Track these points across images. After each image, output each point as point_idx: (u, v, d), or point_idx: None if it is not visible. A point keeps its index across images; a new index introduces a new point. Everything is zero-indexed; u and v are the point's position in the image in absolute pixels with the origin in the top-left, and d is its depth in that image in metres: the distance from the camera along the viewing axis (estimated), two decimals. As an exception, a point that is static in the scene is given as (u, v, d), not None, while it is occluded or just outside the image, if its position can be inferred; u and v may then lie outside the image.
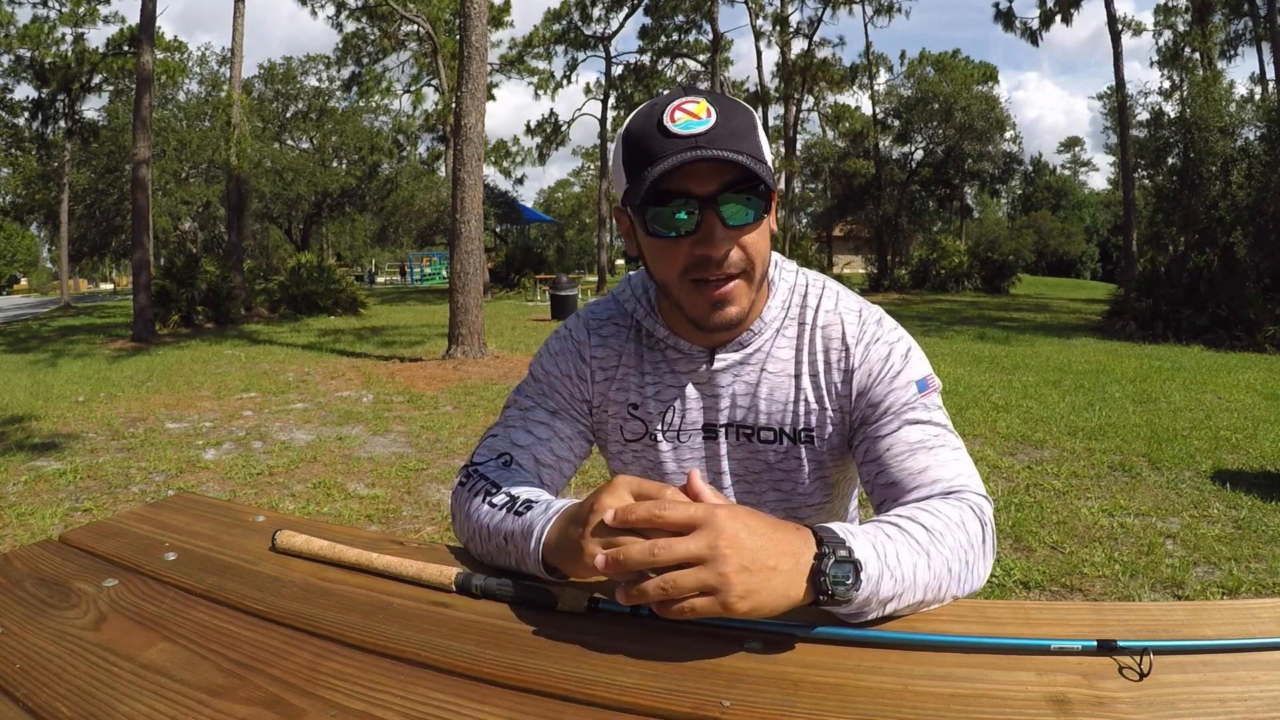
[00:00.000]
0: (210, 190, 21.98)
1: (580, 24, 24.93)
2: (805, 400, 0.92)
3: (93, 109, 25.48)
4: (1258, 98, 14.48)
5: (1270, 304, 10.52)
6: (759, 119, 0.84)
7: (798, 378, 0.92)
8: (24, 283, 46.50)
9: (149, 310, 11.46)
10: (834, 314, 0.92)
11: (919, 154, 25.53)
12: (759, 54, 23.86)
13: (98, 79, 22.61)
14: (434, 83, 25.77)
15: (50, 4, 20.95)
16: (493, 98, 27.10)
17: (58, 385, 7.40)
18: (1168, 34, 19.54)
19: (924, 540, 0.68)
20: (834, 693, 0.55)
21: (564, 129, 28.09)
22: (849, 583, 0.60)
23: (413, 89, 29.00)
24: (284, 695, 0.56)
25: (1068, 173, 49.57)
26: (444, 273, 25.51)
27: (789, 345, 0.93)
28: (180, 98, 23.55)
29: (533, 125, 28.76)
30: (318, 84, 26.41)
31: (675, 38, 25.10)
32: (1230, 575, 2.77)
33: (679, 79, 25.52)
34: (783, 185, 22.95)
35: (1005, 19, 21.01)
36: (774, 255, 0.93)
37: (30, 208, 23.77)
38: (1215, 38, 18.78)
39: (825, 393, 0.92)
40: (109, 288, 40.15)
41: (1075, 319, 14.15)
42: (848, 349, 0.90)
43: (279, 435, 5.26)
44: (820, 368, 0.92)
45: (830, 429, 0.92)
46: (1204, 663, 0.57)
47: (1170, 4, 19.55)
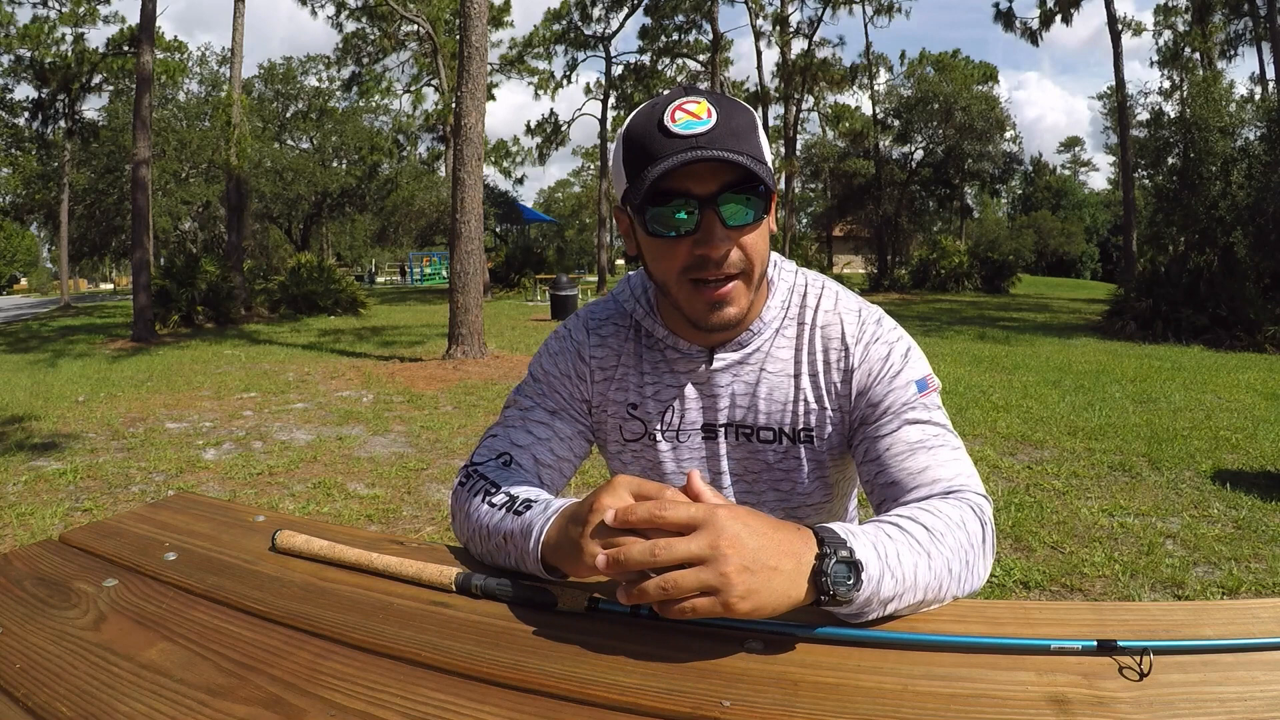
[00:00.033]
0: (210, 190, 21.98)
1: (580, 24, 24.95)
2: (805, 400, 0.92)
3: (93, 109, 25.47)
4: (1258, 98, 14.50)
5: (1270, 304, 10.53)
6: (759, 119, 0.84)
7: (797, 378, 0.92)
8: (24, 283, 46.54)
9: (149, 310, 11.46)
10: (833, 314, 0.92)
11: (919, 154, 25.54)
12: (759, 54, 23.90)
13: (98, 79, 22.63)
14: (434, 83, 25.78)
15: (50, 4, 20.98)
16: (493, 98, 27.12)
17: (58, 385, 7.40)
18: (1168, 34, 19.58)
19: (924, 540, 0.68)
20: (834, 693, 0.55)
21: (564, 129, 28.13)
22: (850, 583, 0.60)
23: (413, 89, 29.04)
24: (284, 695, 0.56)
25: (1068, 173, 49.61)
26: (444, 273, 25.52)
27: (788, 345, 0.93)
28: (180, 98, 23.58)
29: (533, 125, 28.82)
30: (318, 84, 26.46)
31: (675, 38, 25.12)
32: (1230, 575, 2.77)
33: (679, 79, 25.53)
34: (783, 185, 22.95)
35: (1005, 19, 21.04)
36: (773, 255, 0.93)
37: (30, 208, 23.78)
38: (1215, 38, 18.80)
39: (825, 392, 0.92)
40: (109, 288, 40.18)
41: (1075, 319, 14.15)
42: (847, 349, 0.90)
43: (279, 435, 5.26)
44: (820, 367, 0.92)
45: (830, 429, 0.92)
46: (1204, 663, 0.57)
47: (1170, 4, 19.58)
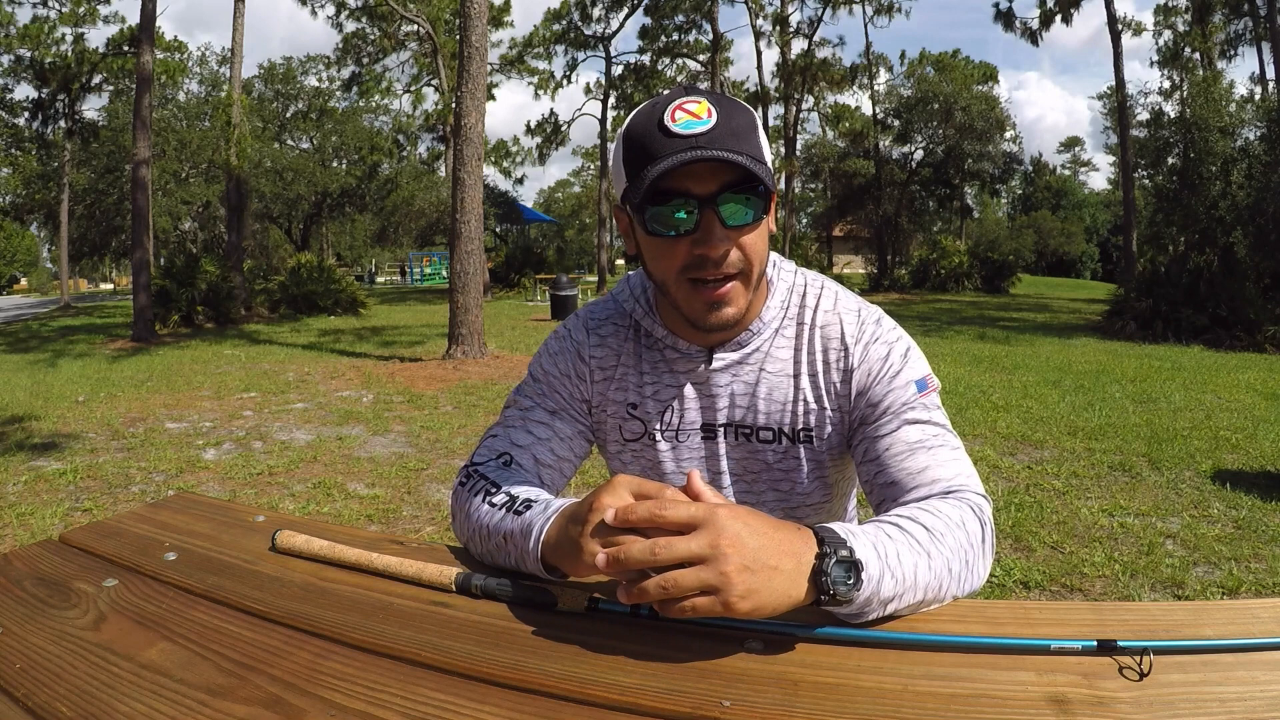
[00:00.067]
0: (210, 190, 21.97)
1: (580, 24, 24.95)
2: (804, 400, 0.92)
3: (93, 109, 25.48)
4: (1258, 98, 14.50)
5: (1270, 304, 10.53)
6: (759, 119, 0.84)
7: (796, 378, 0.92)
8: (24, 283, 46.54)
9: (149, 310, 11.46)
10: (833, 314, 0.92)
11: (919, 154, 25.53)
12: (759, 54, 23.90)
13: (98, 79, 22.63)
14: (434, 83, 25.79)
15: (50, 4, 20.98)
16: (493, 98, 27.12)
17: (58, 385, 7.40)
18: (1168, 34, 19.58)
19: (924, 540, 0.68)
20: (834, 693, 0.55)
21: (564, 129, 28.13)
22: (850, 583, 0.59)
23: (413, 89, 29.04)
24: (284, 695, 0.56)
25: (1068, 173, 49.60)
26: (444, 273, 25.52)
27: (788, 345, 0.93)
28: (180, 98, 23.57)
29: (533, 125, 28.82)
30: (318, 84, 26.45)
31: (675, 38, 25.12)
32: (1230, 575, 2.77)
33: (679, 79, 25.53)
34: (783, 185, 22.95)
35: (1005, 19, 21.04)
36: (773, 255, 0.93)
37: (30, 208, 23.79)
38: (1215, 38, 18.80)
39: (824, 392, 0.92)
40: (109, 288, 40.18)
41: (1075, 319, 14.15)
42: (847, 349, 0.90)
43: (279, 435, 5.26)
44: (819, 367, 0.92)
45: (829, 429, 0.92)
46: (1204, 663, 0.57)
47: (1170, 4, 19.58)
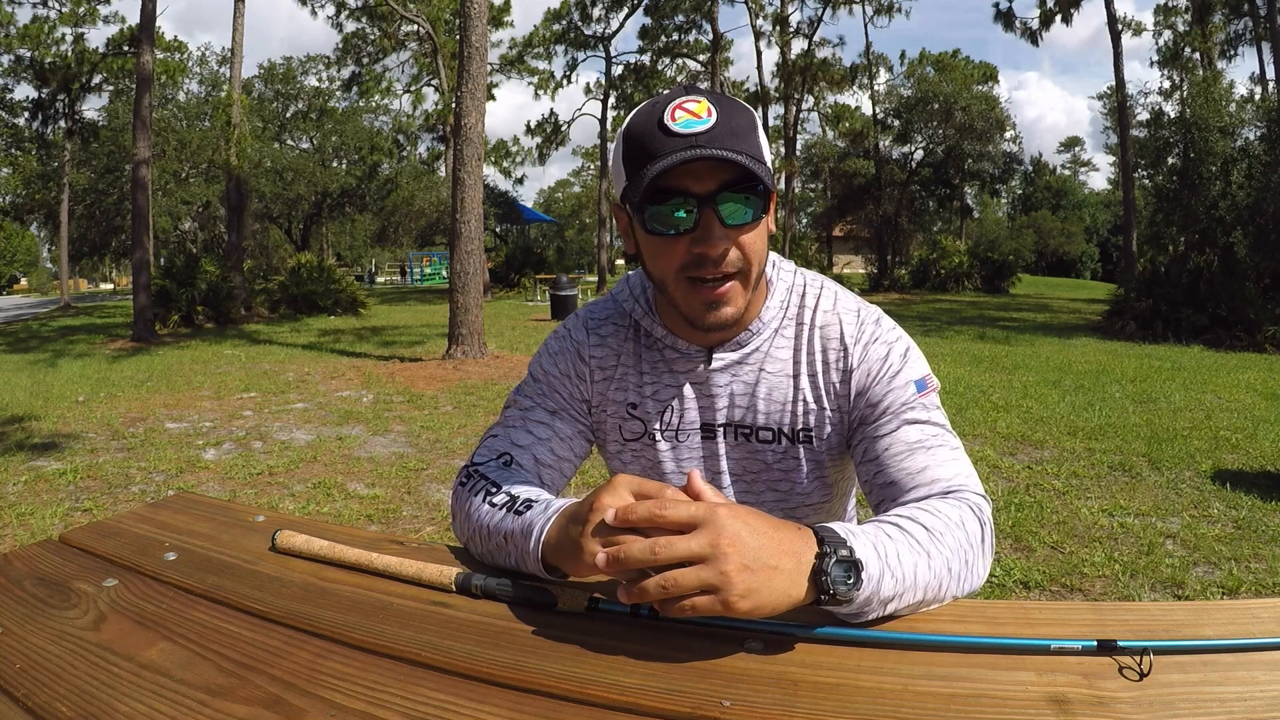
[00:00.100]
0: (210, 190, 21.98)
1: (580, 24, 24.95)
2: (804, 400, 0.92)
3: (93, 109, 25.48)
4: (1258, 98, 14.50)
5: (1270, 304, 10.53)
6: (759, 119, 0.84)
7: (796, 378, 0.92)
8: (24, 283, 46.53)
9: (149, 310, 11.46)
10: (832, 314, 0.92)
11: (919, 154, 25.54)
12: (759, 54, 23.90)
13: (98, 79, 22.63)
14: (434, 83, 25.78)
15: (50, 4, 20.98)
16: (493, 98, 27.12)
17: (58, 385, 7.40)
18: (1168, 34, 19.59)
19: (924, 540, 0.68)
20: (834, 693, 0.55)
21: (564, 129, 28.13)
22: (850, 583, 0.59)
23: (413, 89, 29.04)
24: (284, 695, 0.56)
25: (1068, 173, 49.60)
26: (444, 273, 25.52)
27: (787, 345, 0.93)
28: (180, 98, 23.57)
29: (533, 125, 28.82)
30: (318, 84, 26.45)
31: (675, 38, 25.12)
32: (1230, 575, 2.77)
33: (679, 79, 25.53)
34: (782, 185, 22.95)
35: (1005, 19, 21.04)
36: (772, 255, 0.93)
37: (30, 208, 23.79)
38: (1215, 38, 18.80)
39: (824, 393, 0.92)
40: (109, 288, 40.18)
41: (1075, 319, 14.15)
42: (846, 349, 0.90)
43: (279, 435, 5.26)
44: (819, 368, 0.92)
45: (829, 429, 0.92)
46: (1204, 663, 0.57)
47: (1170, 4, 19.58)
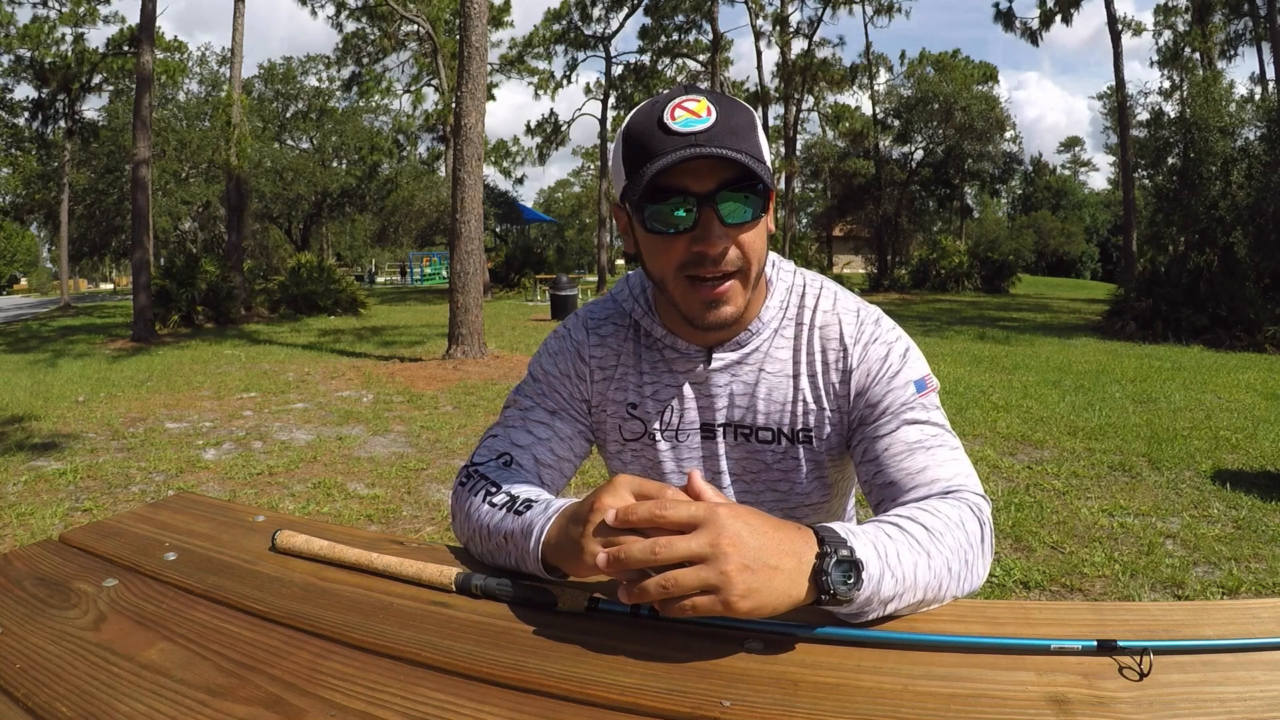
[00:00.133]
0: (210, 190, 21.98)
1: (580, 24, 24.95)
2: (803, 400, 0.92)
3: (93, 109, 25.48)
4: (1258, 98, 14.50)
5: (1270, 304, 10.53)
6: (758, 119, 0.84)
7: (796, 378, 0.92)
8: (24, 283, 46.53)
9: (149, 310, 11.46)
10: (832, 314, 0.92)
11: (919, 154, 25.55)
12: (759, 54, 23.89)
13: (98, 79, 22.63)
14: (434, 83, 25.78)
15: (50, 4, 20.98)
16: (493, 98, 27.12)
17: (58, 385, 7.40)
18: (1168, 34, 19.59)
19: (924, 540, 0.68)
20: (834, 693, 0.55)
21: (564, 129, 28.13)
22: (850, 583, 0.59)
23: (413, 89, 29.04)
24: (284, 695, 0.56)
25: (1068, 173, 49.60)
26: (444, 273, 25.52)
27: (787, 346, 0.93)
28: (180, 98, 23.58)
29: (533, 125, 28.81)
30: (318, 84, 26.46)
31: (675, 38, 25.12)
32: (1230, 575, 2.77)
33: (679, 79, 25.53)
34: (782, 185, 22.95)
35: (1005, 19, 21.04)
36: (772, 255, 0.93)
37: (30, 208, 23.79)
38: (1215, 38, 18.80)
39: (823, 393, 0.91)
40: (109, 288, 40.17)
41: (1075, 319, 14.14)
42: (846, 349, 0.90)
43: (279, 435, 5.26)
44: (818, 368, 0.92)
45: (828, 429, 0.92)
46: (1204, 663, 0.57)
47: (1170, 4, 19.58)
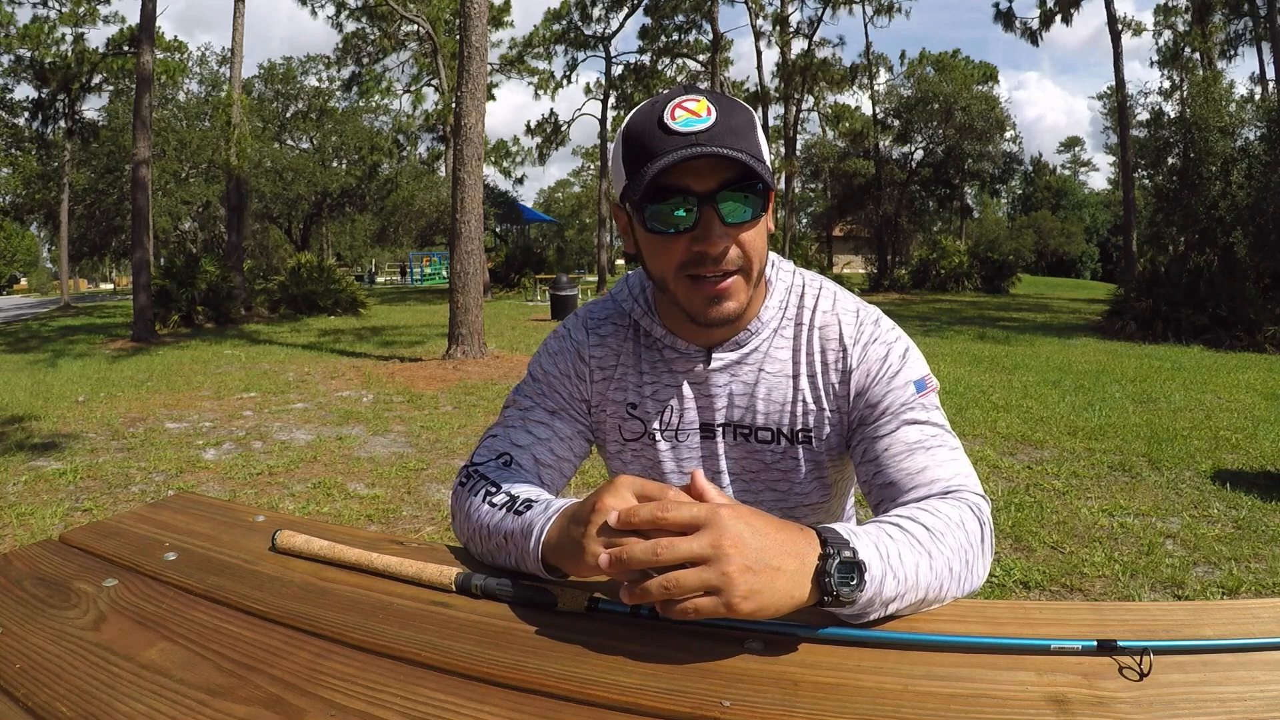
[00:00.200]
0: (210, 190, 21.98)
1: (580, 24, 24.95)
2: (803, 401, 0.92)
3: (93, 109, 25.49)
4: (1258, 98, 14.50)
5: (1270, 304, 10.53)
6: (758, 119, 0.84)
7: (795, 378, 0.92)
8: (24, 283, 46.53)
9: (149, 310, 11.46)
10: (831, 314, 0.92)
11: (919, 154, 25.55)
12: (759, 54, 23.89)
13: (98, 79, 22.63)
14: (434, 83, 25.78)
15: (50, 4, 20.98)
16: (493, 98, 27.11)
17: (58, 385, 7.40)
18: (1168, 34, 19.59)
19: (925, 540, 0.68)
20: (834, 693, 0.55)
21: (564, 129, 28.13)
22: (853, 584, 0.59)
23: (413, 89, 29.04)
24: (284, 695, 0.56)
25: (1068, 173, 49.60)
26: (444, 273, 25.52)
27: (786, 346, 0.93)
28: (180, 98, 23.58)
29: (533, 125, 28.81)
30: (318, 84, 26.47)
31: (675, 38, 25.12)
32: (1230, 575, 2.77)
33: (679, 79, 25.53)
34: (782, 185, 22.95)
35: (1005, 19, 21.04)
36: (771, 255, 0.93)
37: (30, 208, 23.79)
38: (1215, 38, 18.81)
39: (823, 393, 0.91)
40: (109, 288, 40.17)
41: (1075, 319, 14.14)
42: (845, 349, 0.90)
43: (279, 435, 5.26)
44: (818, 368, 0.92)
45: (828, 429, 0.92)
46: (1204, 663, 0.56)
47: (1170, 4, 19.58)
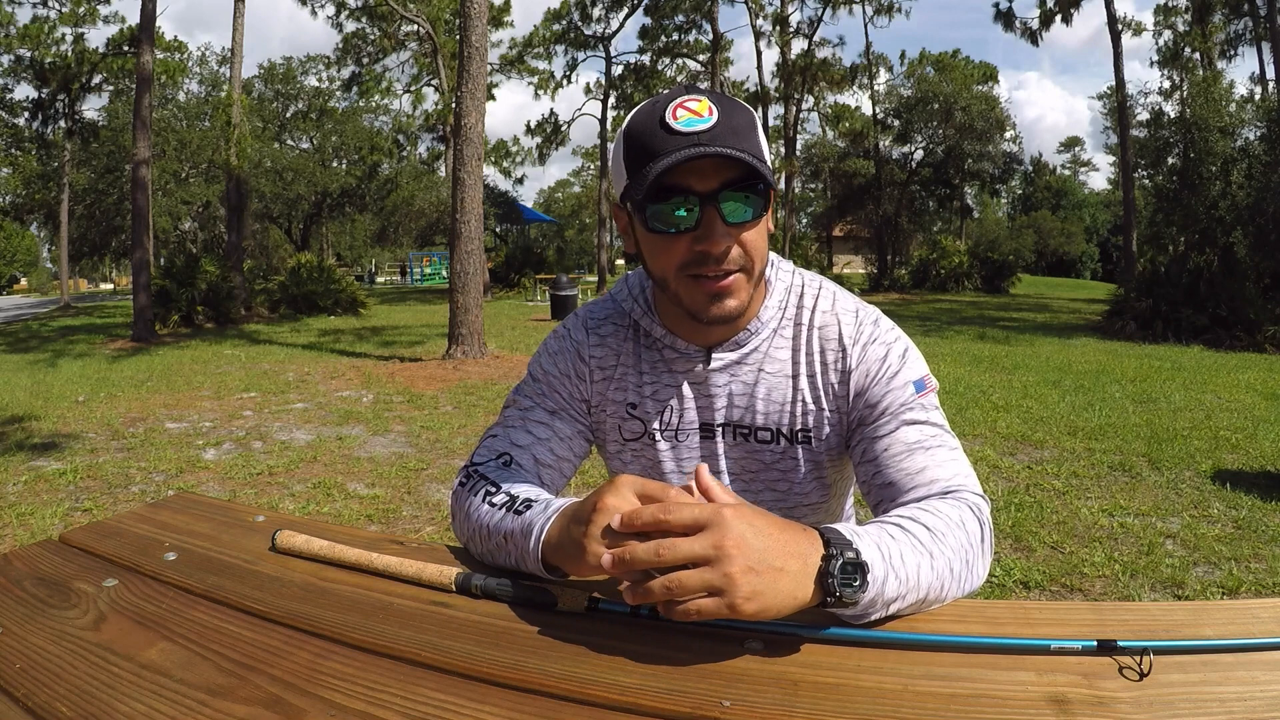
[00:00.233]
0: (210, 190, 21.98)
1: (580, 24, 24.95)
2: (803, 401, 0.92)
3: (93, 109, 25.49)
4: (1258, 98, 14.50)
5: (1270, 304, 10.53)
6: (759, 120, 0.84)
7: (795, 378, 0.92)
8: (24, 283, 46.52)
9: (149, 310, 11.46)
10: (831, 314, 0.92)
11: (919, 154, 25.55)
12: (759, 54, 23.89)
13: (98, 79, 22.63)
14: (434, 83, 25.78)
15: (50, 4, 20.99)
16: (493, 98, 27.12)
17: (58, 385, 7.40)
18: (1168, 34, 19.59)
19: (927, 540, 0.68)
20: (834, 693, 0.55)
21: (564, 129, 28.12)
22: (856, 585, 0.59)
23: (413, 89, 29.04)
24: (284, 695, 0.56)
25: (1068, 173, 49.60)
26: (444, 273, 25.52)
27: (786, 346, 0.93)
28: (180, 98, 23.59)
29: (533, 125, 28.80)
30: (318, 84, 26.47)
31: (675, 38, 25.11)
32: (1230, 575, 2.77)
33: (679, 79, 25.53)
34: (782, 185, 22.94)
35: (1005, 19, 21.04)
36: (770, 255, 0.93)
37: (30, 208, 23.79)
38: (1215, 38, 18.81)
39: (822, 393, 0.91)
40: (109, 288, 40.17)
41: (1075, 319, 14.14)
42: (845, 350, 0.90)
43: (279, 435, 5.26)
44: (817, 368, 0.92)
45: (827, 429, 0.92)
46: (1204, 663, 0.56)
47: (1170, 4, 19.58)
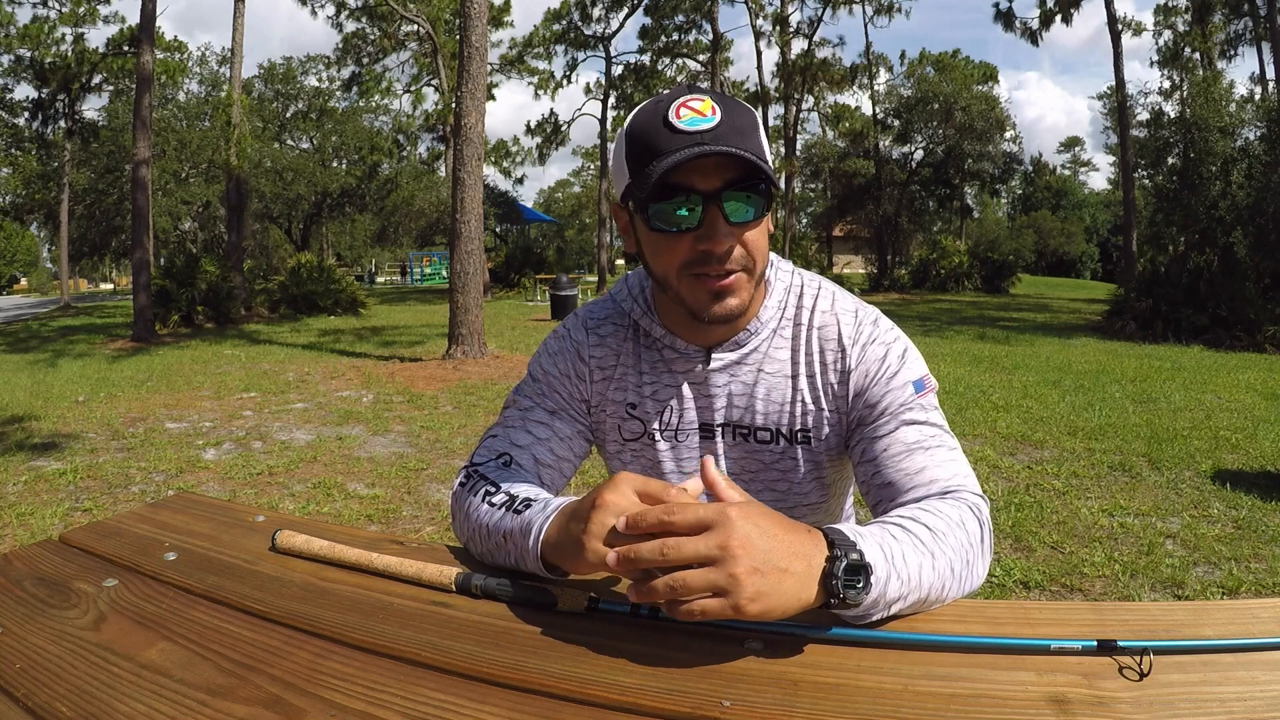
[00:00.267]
0: (210, 190, 21.99)
1: (580, 24, 24.95)
2: (802, 401, 0.92)
3: (93, 109, 25.49)
4: (1258, 98, 14.50)
5: (1270, 304, 10.53)
6: (760, 120, 0.84)
7: (794, 378, 0.92)
8: (24, 283, 46.52)
9: (149, 310, 11.46)
10: (830, 314, 0.92)
11: (919, 154, 25.56)
12: (759, 54, 23.88)
13: (98, 79, 22.63)
14: (434, 83, 25.79)
15: (50, 4, 20.99)
16: (493, 98, 27.11)
17: (58, 385, 7.40)
18: (1168, 34, 19.60)
19: (928, 541, 0.68)
20: (834, 693, 0.55)
21: (564, 129, 28.12)
22: (859, 586, 0.59)
23: (413, 89, 29.04)
24: (284, 695, 0.56)
25: (1068, 173, 49.61)
26: (444, 273, 25.52)
27: (785, 346, 0.93)
28: (180, 98, 23.59)
29: (533, 125, 28.81)
30: (318, 84, 26.47)
31: (675, 38, 25.11)
32: (1230, 575, 2.77)
33: (679, 79, 25.53)
34: (782, 185, 22.94)
35: (1005, 19, 21.05)
36: (770, 255, 0.93)
37: (30, 208, 23.79)
38: (1215, 38, 18.81)
39: (822, 393, 0.91)
40: (109, 288, 40.16)
41: (1075, 319, 14.14)
42: (844, 350, 0.90)
43: (279, 435, 5.26)
44: (817, 368, 0.92)
45: (827, 429, 0.92)
46: (1204, 663, 0.56)
47: (1170, 4, 19.58)
